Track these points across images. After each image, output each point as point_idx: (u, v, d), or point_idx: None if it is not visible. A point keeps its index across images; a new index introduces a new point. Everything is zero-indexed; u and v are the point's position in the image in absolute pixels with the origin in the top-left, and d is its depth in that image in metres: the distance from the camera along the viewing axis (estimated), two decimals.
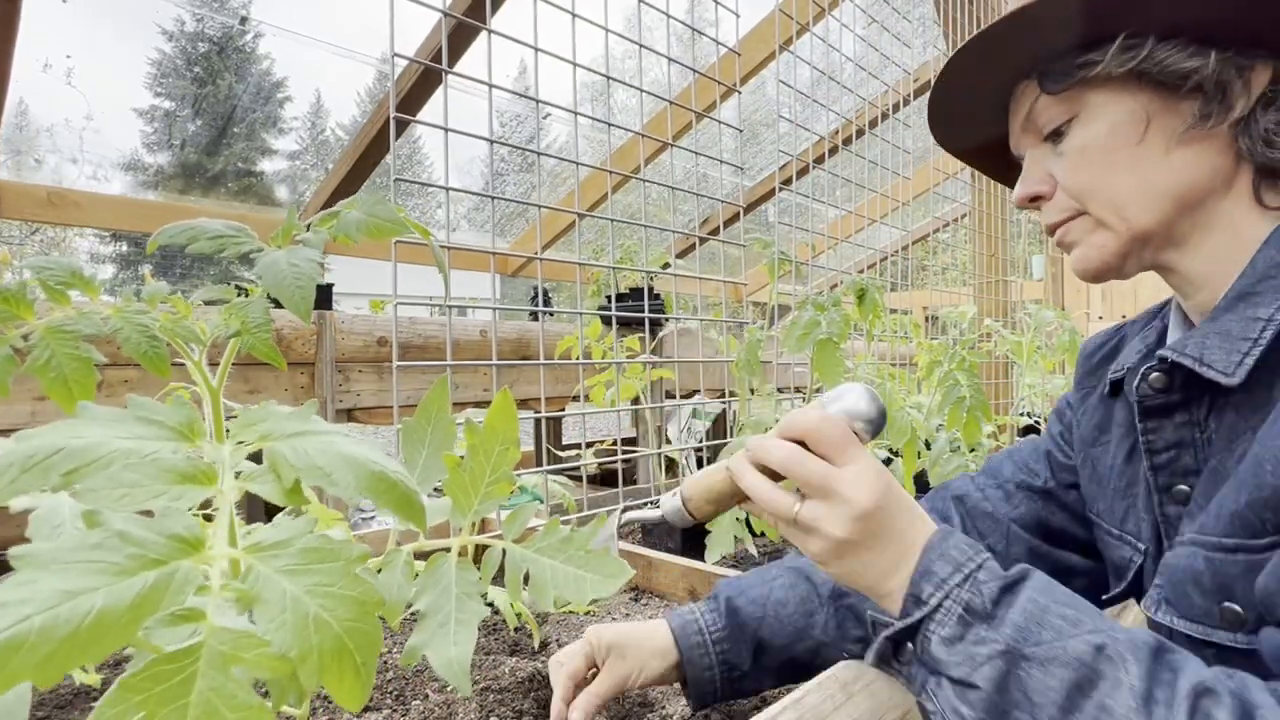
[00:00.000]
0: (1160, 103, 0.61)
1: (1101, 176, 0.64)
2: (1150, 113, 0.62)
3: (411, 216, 0.58)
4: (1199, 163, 0.61)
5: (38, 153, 18.26)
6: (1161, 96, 0.61)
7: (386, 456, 0.42)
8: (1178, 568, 0.58)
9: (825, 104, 1.57)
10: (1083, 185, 0.66)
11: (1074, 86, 0.64)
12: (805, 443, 0.59)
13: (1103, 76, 0.62)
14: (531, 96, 1.09)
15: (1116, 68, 0.61)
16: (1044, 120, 0.68)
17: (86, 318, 0.54)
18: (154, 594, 0.27)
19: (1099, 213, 0.65)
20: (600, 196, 4.03)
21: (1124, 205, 0.64)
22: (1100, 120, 0.64)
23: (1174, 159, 0.61)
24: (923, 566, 0.54)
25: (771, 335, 1.51)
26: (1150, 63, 0.60)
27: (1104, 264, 0.67)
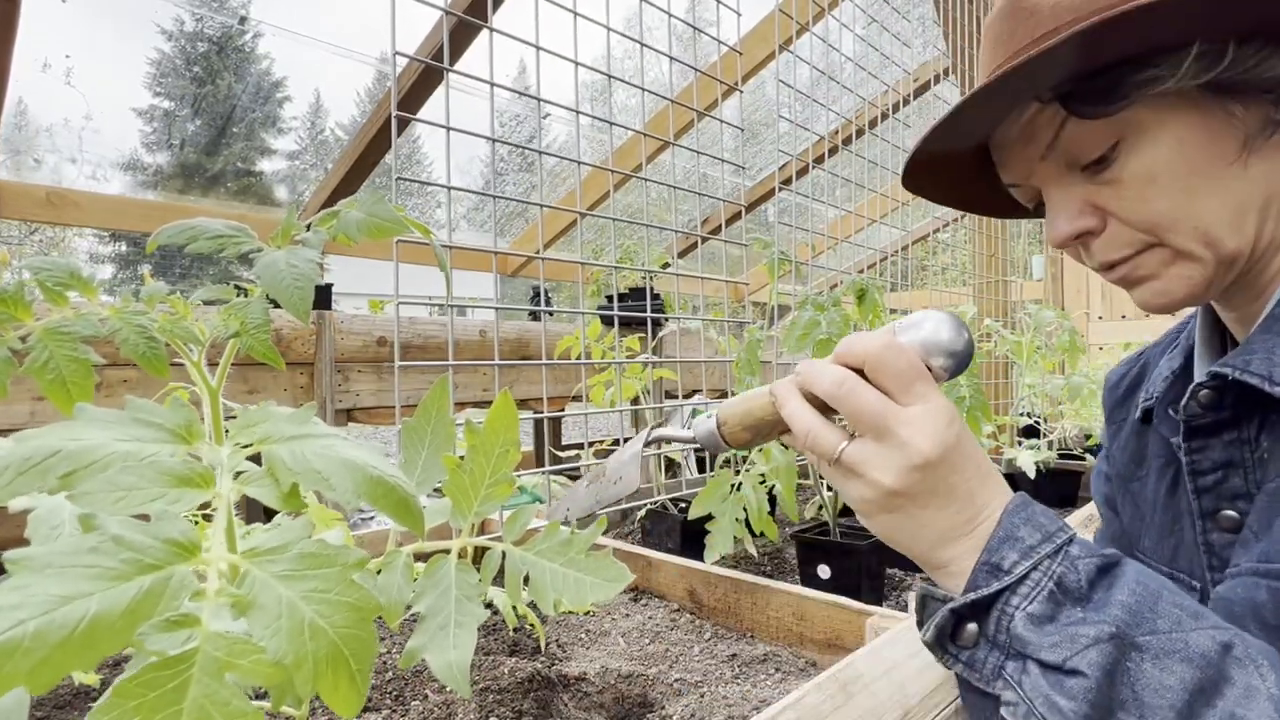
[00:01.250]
0: (1227, 113, 0.55)
1: (1182, 204, 0.56)
2: (1220, 126, 0.55)
3: (412, 216, 0.58)
4: (1276, 170, 0.55)
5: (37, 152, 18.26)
6: (1229, 106, 0.54)
7: (385, 460, 0.42)
8: (1234, 600, 0.51)
9: (825, 104, 1.57)
10: (1159, 215, 0.57)
11: (1128, 107, 0.55)
12: (865, 371, 0.50)
13: (1161, 94, 0.54)
14: (533, 95, 1.09)
15: (1191, 80, 0.53)
16: (1080, 149, 0.59)
17: (84, 319, 0.53)
18: (149, 599, 0.27)
19: (1180, 243, 0.58)
20: (601, 196, 4.03)
21: (1210, 229, 0.56)
22: (1163, 141, 0.56)
23: (1253, 171, 0.55)
24: (1004, 531, 0.47)
25: (771, 335, 1.51)
26: (1234, 71, 0.52)
27: (1190, 295, 0.60)
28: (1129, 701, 0.39)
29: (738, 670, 0.94)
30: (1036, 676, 0.43)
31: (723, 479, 1.16)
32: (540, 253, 1.05)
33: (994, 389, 2.55)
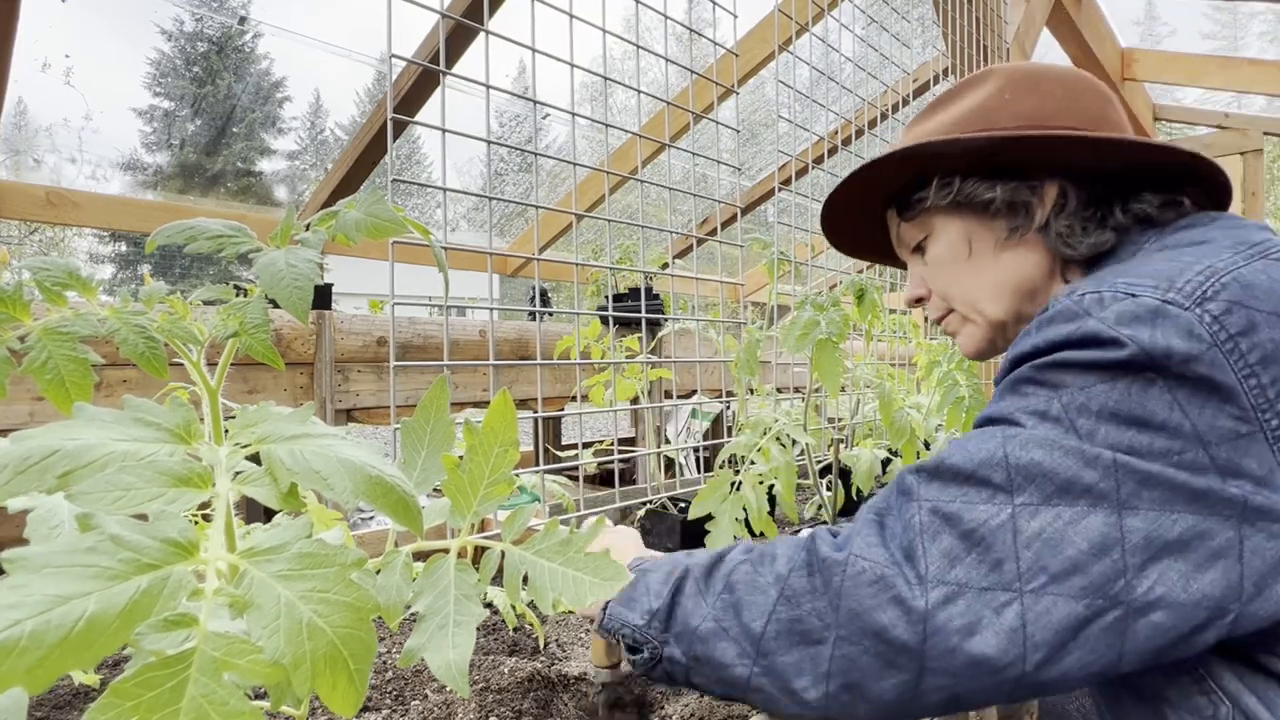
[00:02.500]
0: (978, 222, 0.79)
1: (953, 281, 0.83)
2: (972, 231, 0.80)
3: (410, 216, 0.58)
4: (1022, 261, 0.78)
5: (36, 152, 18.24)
6: (979, 217, 0.79)
7: (384, 460, 0.42)
8: None
9: (824, 104, 1.57)
10: (943, 289, 0.85)
11: (919, 214, 0.83)
12: None
13: (934, 206, 0.81)
14: (530, 97, 1.09)
15: (940, 200, 0.80)
16: (908, 239, 0.88)
17: (83, 319, 0.53)
18: (147, 599, 0.27)
19: (961, 309, 0.84)
20: (599, 197, 4.03)
21: (975, 301, 0.81)
22: (942, 239, 0.82)
23: (1002, 261, 0.79)
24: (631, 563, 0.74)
25: (770, 335, 1.51)
26: (961, 195, 0.78)
27: (977, 349, 0.85)
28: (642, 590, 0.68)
29: None
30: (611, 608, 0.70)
31: (722, 479, 1.16)
32: (538, 254, 1.05)
33: (993, 389, 2.55)
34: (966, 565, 0.54)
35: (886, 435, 1.50)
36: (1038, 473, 0.55)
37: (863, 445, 1.67)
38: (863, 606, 0.56)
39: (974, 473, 0.57)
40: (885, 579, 0.56)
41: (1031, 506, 0.55)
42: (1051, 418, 0.57)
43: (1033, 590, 0.53)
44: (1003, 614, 0.53)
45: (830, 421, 1.65)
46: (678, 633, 0.64)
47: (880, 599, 0.55)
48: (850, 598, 0.56)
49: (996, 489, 0.56)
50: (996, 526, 0.55)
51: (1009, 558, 0.54)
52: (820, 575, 0.59)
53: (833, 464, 1.57)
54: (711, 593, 0.64)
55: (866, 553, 0.58)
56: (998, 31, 2.52)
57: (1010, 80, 0.80)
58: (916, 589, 0.54)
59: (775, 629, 0.59)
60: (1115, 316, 0.57)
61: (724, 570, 0.65)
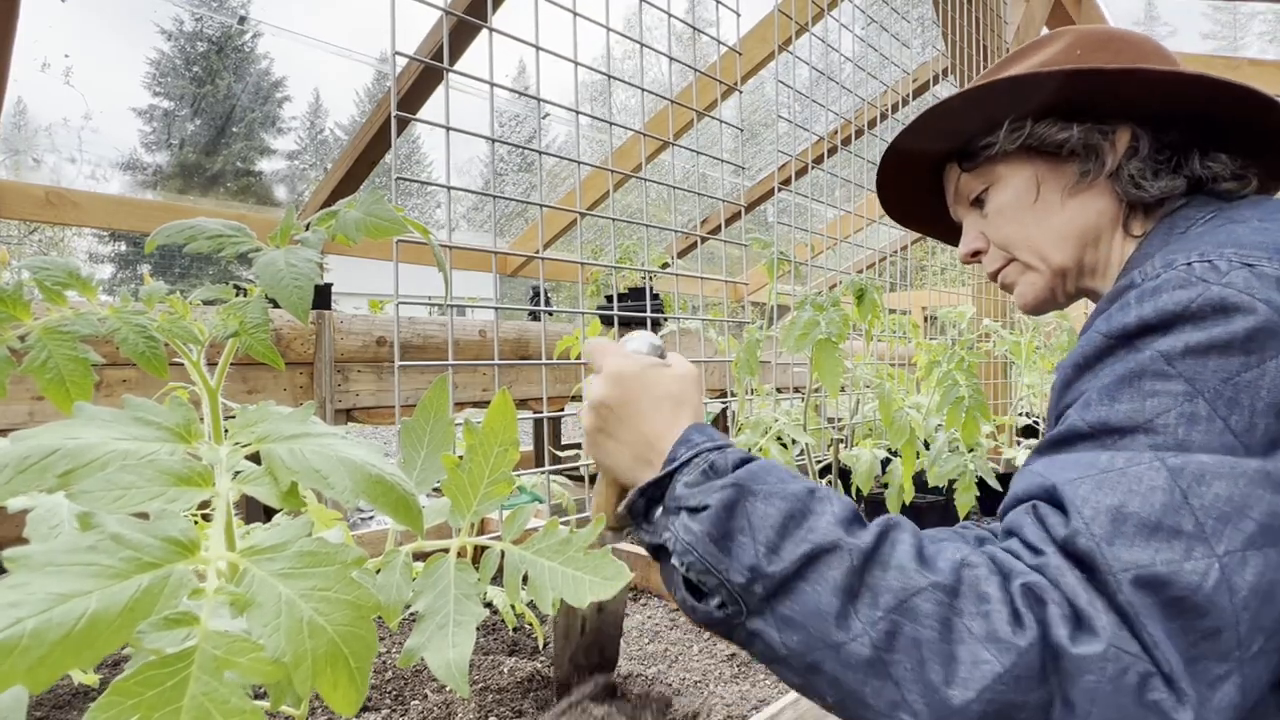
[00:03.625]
0: (1048, 167, 0.78)
1: (1017, 229, 0.81)
2: (1041, 176, 0.79)
3: (411, 216, 0.58)
4: (1090, 207, 0.77)
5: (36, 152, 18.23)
6: (1049, 162, 0.78)
7: (384, 459, 0.42)
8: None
9: (824, 104, 1.57)
10: (1005, 238, 0.82)
11: (983, 163, 0.82)
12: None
13: (1002, 153, 0.80)
14: (532, 95, 1.09)
15: (1009, 145, 0.78)
16: (967, 191, 0.86)
17: (83, 318, 0.53)
18: (148, 598, 0.27)
19: (1024, 257, 0.82)
20: (600, 196, 4.03)
21: (1040, 248, 0.80)
22: (1007, 186, 0.81)
23: (1069, 208, 0.77)
24: (682, 438, 0.62)
25: (771, 335, 1.51)
26: (1033, 138, 0.77)
27: (1037, 298, 0.83)
28: (744, 525, 0.54)
29: (737, 670, 0.94)
30: (683, 518, 0.57)
31: None
32: (540, 253, 1.05)
33: (993, 389, 2.55)
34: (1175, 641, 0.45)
35: (886, 435, 1.50)
36: (1230, 510, 0.47)
37: (862, 445, 1.67)
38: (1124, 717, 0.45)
39: (1160, 521, 0.48)
40: (1148, 681, 0.45)
41: (1237, 554, 0.46)
42: (1203, 419, 0.50)
43: (1252, 657, 0.46)
44: (1218, 689, 0.45)
45: (830, 421, 1.65)
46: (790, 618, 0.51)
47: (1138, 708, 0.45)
48: (1109, 706, 0.45)
49: (1191, 539, 0.47)
50: (1212, 589, 0.46)
51: (1228, 627, 0.45)
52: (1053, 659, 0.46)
53: (832, 464, 1.56)
54: (874, 604, 0.50)
55: (1124, 644, 0.46)
56: (997, 31, 2.52)
57: (1081, 38, 0.80)
58: (1172, 693, 0.45)
59: (980, 710, 0.46)
60: (1244, 281, 0.52)
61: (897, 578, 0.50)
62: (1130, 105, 0.73)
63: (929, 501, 2.03)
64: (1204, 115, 0.72)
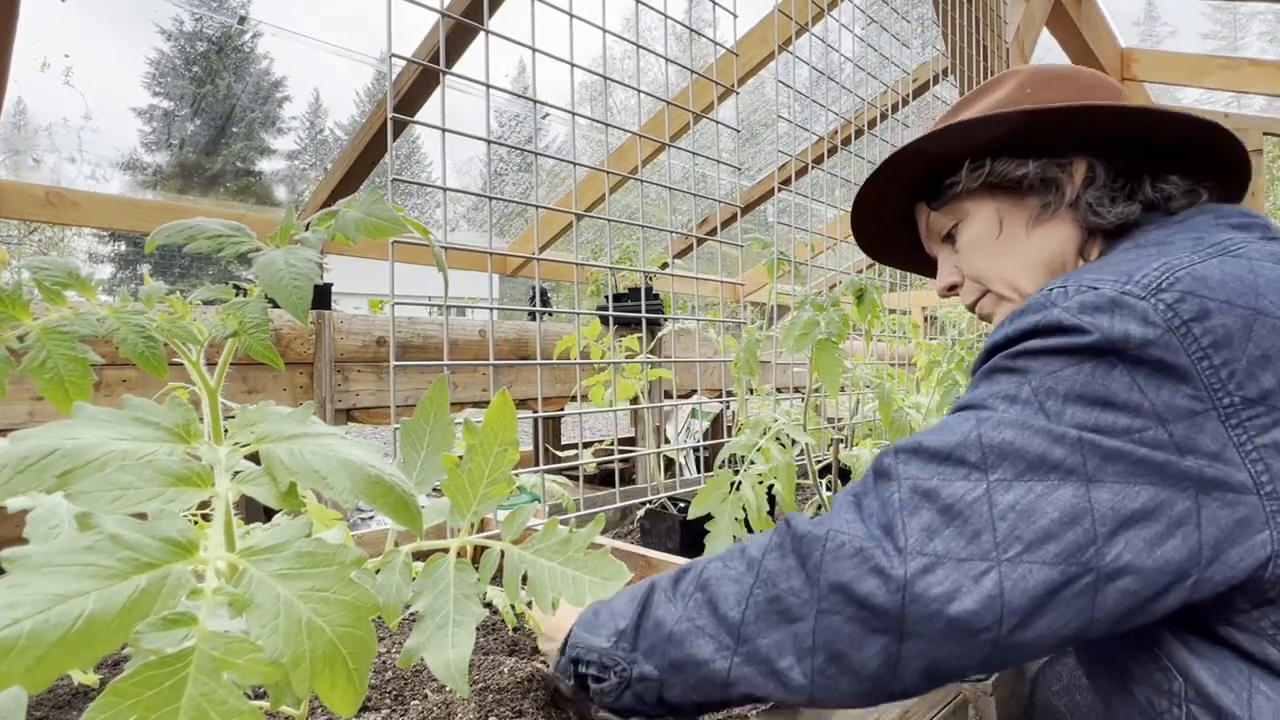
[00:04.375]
0: (1010, 202, 0.83)
1: (988, 262, 0.86)
2: (1004, 210, 0.83)
3: (410, 216, 0.58)
4: (1053, 237, 0.81)
5: (36, 152, 18.22)
6: (1010, 197, 0.83)
7: (383, 459, 0.42)
8: None
9: (824, 104, 1.57)
10: (978, 271, 0.87)
11: (950, 201, 0.87)
12: None
13: (966, 190, 0.85)
14: (530, 97, 1.09)
15: (972, 184, 0.83)
16: (937, 228, 0.91)
17: (83, 318, 0.53)
18: (146, 598, 0.27)
19: (997, 289, 0.86)
20: (599, 197, 4.03)
21: (1011, 279, 0.84)
22: (974, 222, 0.86)
23: (1034, 239, 0.82)
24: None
25: (770, 335, 1.51)
26: (993, 175, 0.82)
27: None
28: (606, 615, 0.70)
29: None
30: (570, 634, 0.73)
31: (722, 479, 1.16)
32: (538, 253, 1.05)
33: None
34: (945, 537, 0.57)
35: (886, 435, 1.50)
36: (1010, 450, 0.58)
37: (862, 445, 1.67)
38: (844, 578, 0.58)
39: (950, 453, 0.60)
40: (864, 550, 0.58)
41: (1005, 482, 0.58)
42: (1021, 400, 0.60)
43: (1009, 559, 0.56)
44: (981, 581, 0.55)
45: (830, 421, 1.65)
46: (648, 646, 0.65)
47: (861, 570, 0.57)
48: (830, 570, 0.59)
49: (972, 467, 0.59)
50: (973, 500, 0.58)
51: (986, 529, 0.57)
52: (796, 553, 0.61)
53: (832, 464, 1.57)
54: (682, 596, 0.66)
55: (845, 528, 0.60)
56: (997, 31, 2.52)
57: (1030, 78, 0.85)
58: (896, 559, 0.57)
59: (754, 612, 0.61)
60: (1078, 306, 0.61)
61: (693, 574, 0.67)
62: (1083, 138, 0.79)
63: None
64: (1152, 142, 0.78)
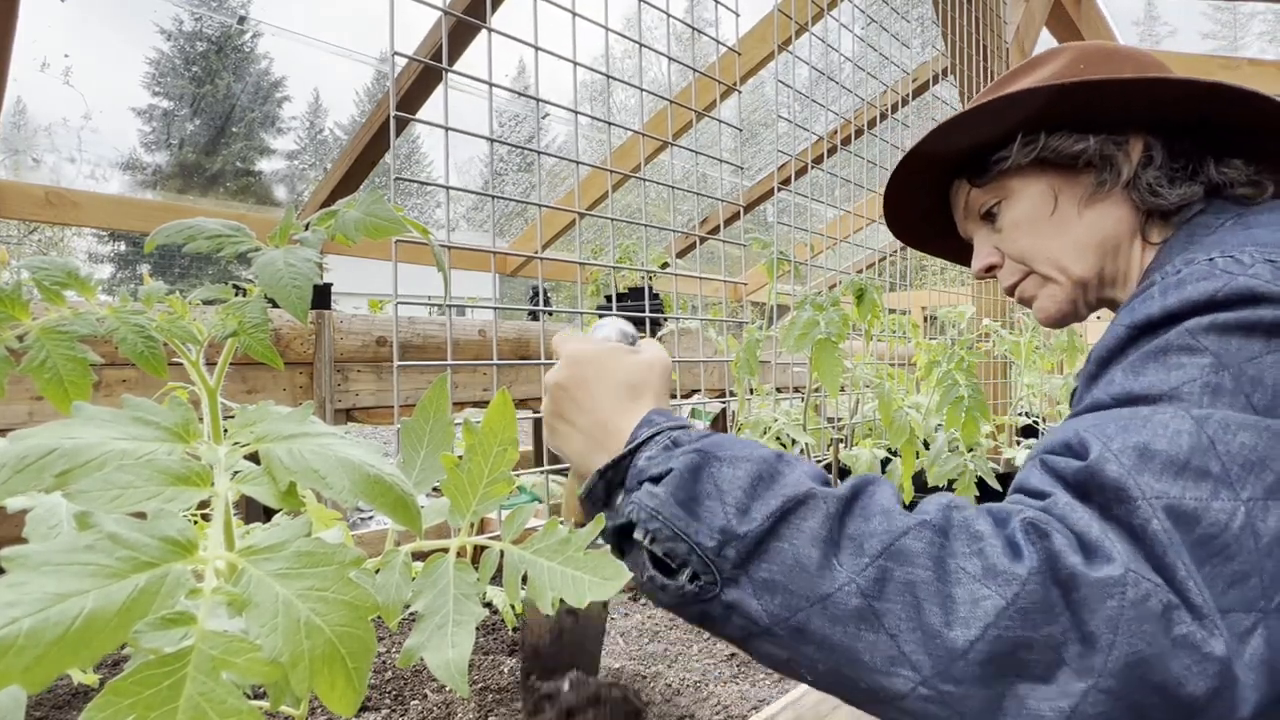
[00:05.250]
0: (1063, 179, 0.78)
1: (1035, 242, 0.80)
2: (1057, 187, 0.78)
3: (411, 216, 0.58)
4: (1106, 218, 0.76)
5: (36, 152, 18.22)
6: (1063, 174, 0.78)
7: (383, 459, 0.42)
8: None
9: (824, 104, 1.57)
10: (1022, 251, 0.82)
11: (995, 177, 0.81)
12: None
13: (1014, 166, 0.79)
14: (531, 95, 1.09)
15: (1022, 159, 0.78)
16: (977, 206, 0.85)
17: (82, 318, 0.53)
18: (144, 597, 0.27)
19: (1043, 270, 0.81)
20: (600, 196, 4.03)
21: (1059, 260, 0.79)
22: (1022, 199, 0.80)
23: (1086, 218, 0.77)
24: (643, 420, 0.59)
25: (770, 335, 1.51)
26: (1046, 150, 0.76)
27: (1060, 310, 0.82)
28: (711, 489, 0.50)
29: (736, 669, 0.94)
30: (646, 486, 0.53)
31: None
32: (539, 253, 1.04)
33: (993, 389, 2.55)
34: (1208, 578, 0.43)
35: (886, 435, 1.50)
36: (1255, 460, 0.46)
37: (862, 445, 1.67)
38: (1154, 650, 0.41)
39: (1188, 460, 0.46)
40: (1172, 610, 0.42)
41: (1259, 502, 0.45)
42: (1228, 391, 0.49)
43: (1276, 608, 0.44)
44: (1248, 641, 0.43)
45: (830, 421, 1.65)
46: (767, 580, 0.47)
47: (1169, 638, 0.41)
48: (1134, 635, 0.41)
49: (1218, 482, 0.46)
50: (1239, 530, 0.44)
51: (1254, 572, 0.44)
52: (1064, 590, 0.43)
53: (832, 463, 1.56)
54: (859, 551, 0.46)
55: (1142, 570, 0.43)
56: (997, 31, 2.52)
57: (1083, 54, 0.80)
58: (1201, 626, 0.42)
59: (988, 649, 0.42)
60: (1271, 274, 0.52)
61: (881, 522, 0.47)
62: (1142, 115, 0.74)
63: None
64: (1215, 122, 0.72)
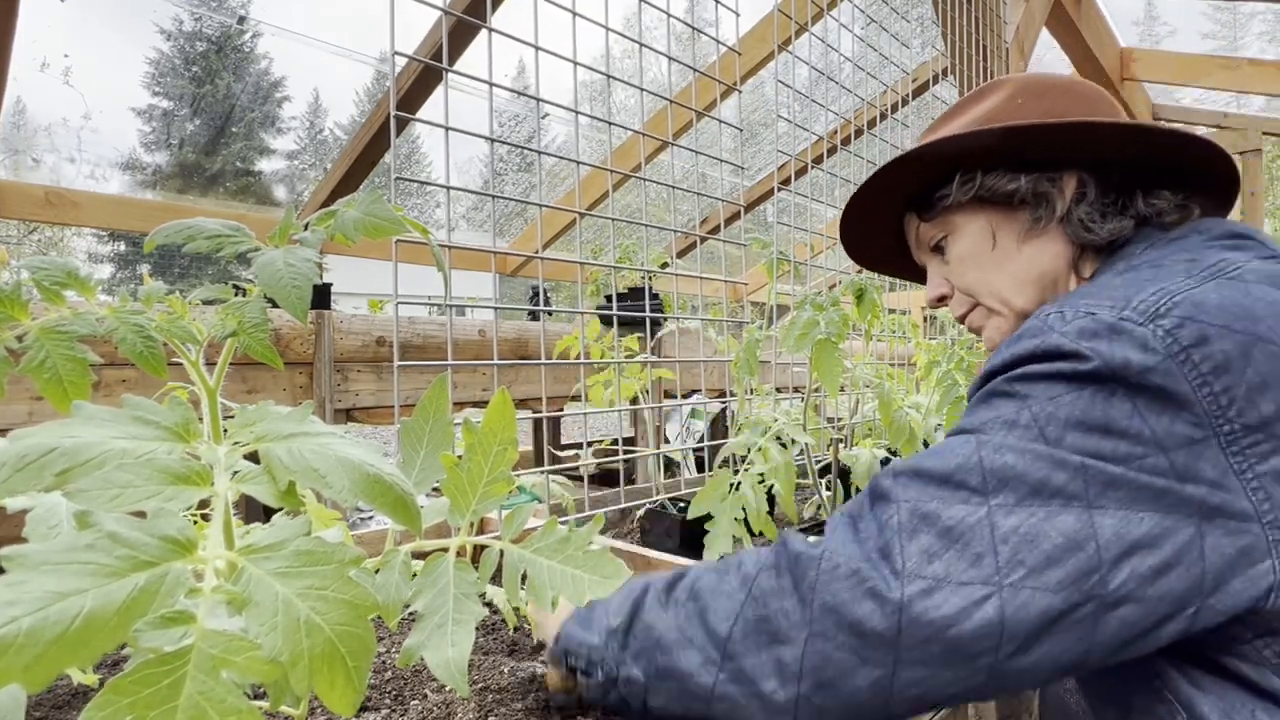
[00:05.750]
0: (1000, 215, 0.82)
1: (978, 276, 0.85)
2: (995, 224, 0.82)
3: (411, 216, 0.58)
4: (1044, 253, 0.80)
5: (36, 152, 18.23)
6: (1000, 211, 0.82)
7: (382, 458, 0.42)
8: None
9: (824, 104, 1.57)
10: (968, 284, 0.86)
11: (940, 213, 0.86)
12: None
13: (956, 203, 0.83)
14: (531, 95, 1.09)
15: (962, 196, 0.82)
16: (927, 239, 0.90)
17: (81, 318, 0.53)
18: (144, 596, 0.27)
19: (987, 302, 0.85)
20: (600, 195, 4.03)
21: (1001, 294, 0.83)
22: (964, 235, 0.85)
23: (1024, 253, 0.81)
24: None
25: (770, 335, 1.51)
26: (983, 189, 0.81)
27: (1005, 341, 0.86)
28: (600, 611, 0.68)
29: None
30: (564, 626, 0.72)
31: (722, 479, 1.16)
32: (539, 253, 1.05)
33: None
34: (945, 560, 0.56)
35: (886, 435, 1.50)
36: (1011, 475, 0.57)
37: (862, 445, 1.67)
38: (838, 600, 0.56)
39: (950, 476, 0.59)
40: (860, 572, 0.57)
41: (1007, 507, 0.57)
42: (1021, 425, 0.59)
43: (1012, 583, 0.54)
44: (982, 606, 0.54)
45: (829, 421, 1.65)
46: (637, 650, 0.64)
47: (856, 592, 0.56)
48: (825, 592, 0.57)
49: (972, 491, 0.58)
50: (975, 524, 0.56)
51: (988, 553, 0.55)
52: (790, 574, 0.59)
53: (832, 464, 1.56)
54: (675, 603, 0.65)
55: (841, 549, 0.59)
56: (997, 31, 2.52)
57: (1021, 87, 0.84)
58: (893, 582, 0.56)
59: (742, 630, 0.59)
60: (1076, 331, 0.60)
61: (687, 581, 0.66)
62: (1075, 153, 0.78)
63: None
64: (1147, 159, 0.77)
